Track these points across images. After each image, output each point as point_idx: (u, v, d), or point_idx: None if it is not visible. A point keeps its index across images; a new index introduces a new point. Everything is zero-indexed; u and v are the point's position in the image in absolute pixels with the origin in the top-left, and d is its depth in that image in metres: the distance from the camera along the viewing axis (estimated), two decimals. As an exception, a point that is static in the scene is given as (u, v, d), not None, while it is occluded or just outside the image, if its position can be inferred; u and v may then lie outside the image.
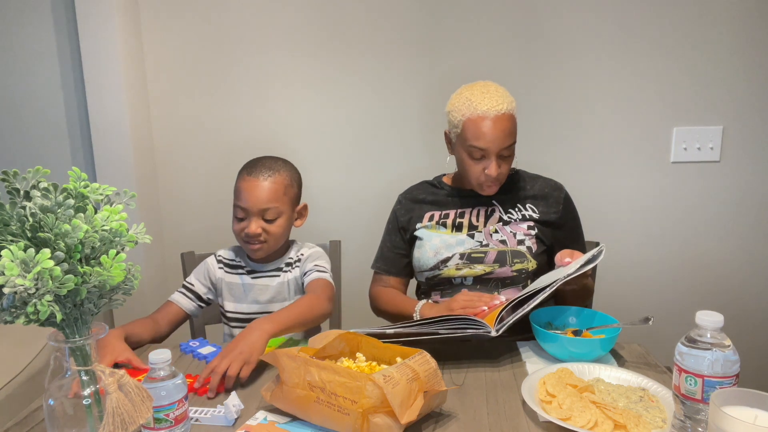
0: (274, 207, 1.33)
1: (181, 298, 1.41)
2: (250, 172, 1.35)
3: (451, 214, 1.44)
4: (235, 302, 1.43)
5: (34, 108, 1.94)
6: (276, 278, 1.41)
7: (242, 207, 1.34)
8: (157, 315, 1.37)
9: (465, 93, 1.36)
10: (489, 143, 1.31)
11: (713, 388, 0.78)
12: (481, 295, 1.26)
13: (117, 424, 0.74)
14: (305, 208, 1.45)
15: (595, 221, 1.90)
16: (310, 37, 1.93)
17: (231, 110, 1.98)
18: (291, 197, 1.38)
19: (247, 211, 1.33)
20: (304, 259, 1.41)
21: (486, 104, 1.31)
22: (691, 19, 1.90)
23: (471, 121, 1.32)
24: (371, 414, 0.87)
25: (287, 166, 1.40)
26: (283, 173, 1.36)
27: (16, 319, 0.70)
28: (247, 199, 1.33)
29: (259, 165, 1.36)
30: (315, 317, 1.25)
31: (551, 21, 1.91)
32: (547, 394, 0.97)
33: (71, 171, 0.76)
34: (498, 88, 1.36)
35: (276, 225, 1.35)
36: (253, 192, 1.33)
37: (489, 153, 1.32)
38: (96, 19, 1.79)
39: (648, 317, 1.15)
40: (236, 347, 1.09)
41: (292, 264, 1.42)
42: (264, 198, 1.32)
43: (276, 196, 1.34)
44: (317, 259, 1.41)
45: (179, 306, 1.40)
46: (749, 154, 1.99)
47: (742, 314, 2.08)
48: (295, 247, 1.45)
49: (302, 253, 1.43)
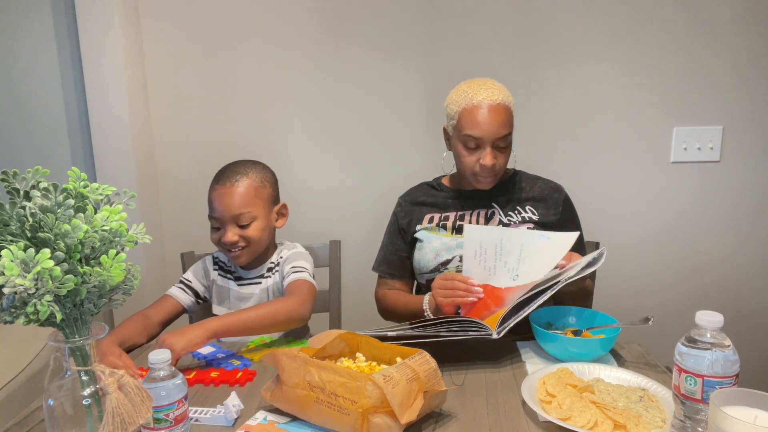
0: (246, 212, 1.31)
1: (179, 292, 1.40)
2: (218, 180, 1.34)
3: (451, 217, 1.44)
4: (221, 306, 1.43)
5: (34, 108, 1.94)
6: (258, 285, 1.40)
7: (215, 217, 1.33)
8: (149, 311, 1.35)
9: (462, 86, 1.38)
10: (483, 132, 1.32)
11: (713, 388, 0.78)
12: (454, 276, 1.25)
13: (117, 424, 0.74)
14: (285, 207, 1.42)
15: (595, 221, 1.90)
16: (310, 37, 1.94)
17: (231, 110, 1.99)
18: (264, 199, 1.35)
19: (221, 220, 1.32)
20: (283, 262, 1.39)
21: (482, 94, 1.33)
22: (692, 19, 1.90)
23: (466, 111, 1.33)
24: (371, 414, 0.87)
25: (257, 167, 1.37)
26: (252, 176, 1.34)
27: (16, 319, 0.70)
28: (218, 208, 1.31)
29: (227, 172, 1.34)
30: (280, 321, 1.21)
31: (551, 21, 1.92)
32: (547, 394, 0.97)
33: (71, 171, 0.75)
34: (495, 83, 1.38)
35: (252, 229, 1.32)
36: (223, 200, 1.31)
37: (484, 142, 1.33)
38: (96, 19, 1.79)
39: (648, 317, 1.15)
40: (168, 336, 1.09)
41: (273, 269, 1.40)
42: (235, 204, 1.30)
43: (246, 201, 1.31)
44: (295, 260, 1.38)
45: (177, 300, 1.39)
46: (749, 154, 1.99)
47: (742, 314, 2.08)
48: (277, 250, 1.43)
49: (282, 256, 1.40)
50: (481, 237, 1.28)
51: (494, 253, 1.27)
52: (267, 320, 1.20)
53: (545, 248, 1.25)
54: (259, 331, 1.20)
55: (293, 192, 1.97)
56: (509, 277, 1.26)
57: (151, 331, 1.32)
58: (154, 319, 1.34)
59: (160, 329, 1.35)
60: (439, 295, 1.25)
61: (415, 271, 1.48)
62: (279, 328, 1.23)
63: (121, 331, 1.25)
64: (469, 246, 1.29)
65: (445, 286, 1.25)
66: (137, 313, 1.33)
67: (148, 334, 1.31)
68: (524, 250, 1.26)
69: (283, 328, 1.25)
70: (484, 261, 1.28)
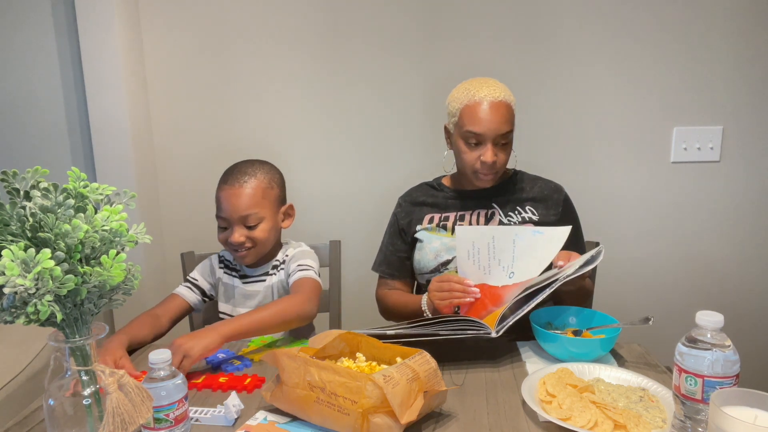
0: (254, 213, 1.31)
1: (186, 291, 1.41)
2: (226, 180, 1.34)
3: (451, 217, 1.44)
4: (227, 304, 1.43)
5: (34, 108, 1.94)
6: (262, 283, 1.40)
7: (223, 217, 1.33)
8: (158, 309, 1.36)
9: (465, 84, 1.39)
10: (485, 128, 1.32)
11: (713, 388, 0.78)
12: (450, 278, 1.25)
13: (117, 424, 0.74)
14: (291, 208, 1.42)
15: (595, 221, 1.90)
16: (311, 37, 1.93)
17: (231, 110, 1.98)
18: (272, 200, 1.36)
19: (228, 221, 1.32)
20: (288, 260, 1.39)
21: (484, 92, 1.34)
22: (692, 18, 1.90)
23: (468, 107, 1.34)
24: (371, 414, 0.87)
25: (264, 168, 1.37)
26: (260, 176, 1.34)
27: (16, 319, 0.70)
28: (226, 208, 1.31)
29: (235, 172, 1.34)
30: (289, 319, 1.22)
31: (551, 21, 1.91)
32: (547, 394, 0.97)
33: (71, 171, 0.75)
34: (497, 82, 1.39)
35: (259, 230, 1.33)
36: (231, 200, 1.31)
37: (484, 139, 1.33)
38: (96, 19, 1.79)
39: (648, 317, 1.15)
40: (184, 341, 1.09)
41: (278, 267, 1.41)
42: (242, 205, 1.31)
43: (254, 202, 1.32)
44: (301, 258, 1.38)
45: (184, 299, 1.40)
46: (749, 154, 1.99)
47: (742, 314, 2.08)
48: (282, 249, 1.44)
49: (287, 254, 1.41)
50: (473, 237, 1.28)
51: (487, 252, 1.27)
52: (277, 319, 1.20)
53: (539, 244, 1.25)
54: (269, 331, 1.21)
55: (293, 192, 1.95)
56: (505, 275, 1.26)
57: (159, 330, 1.33)
58: (162, 319, 1.34)
59: (168, 328, 1.36)
60: (436, 297, 1.25)
61: (415, 272, 1.48)
62: (288, 326, 1.23)
63: (130, 330, 1.25)
64: (461, 247, 1.29)
65: (441, 288, 1.25)
66: (145, 312, 1.34)
67: (157, 331, 1.32)
68: (517, 247, 1.26)
69: (292, 326, 1.25)
70: (478, 261, 1.28)
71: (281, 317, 1.20)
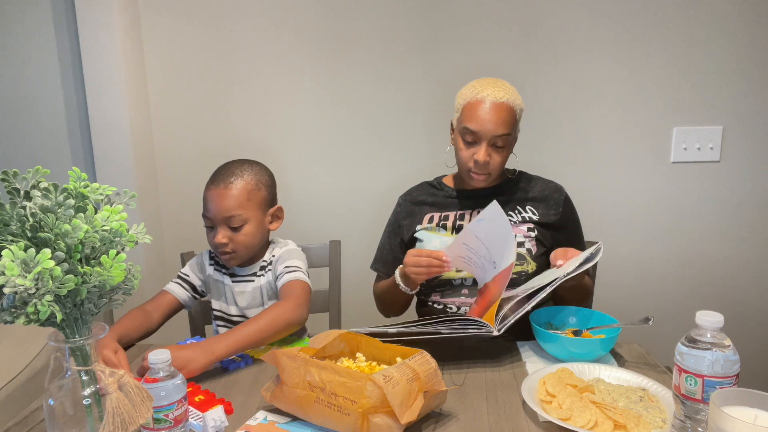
0: (237, 215, 1.29)
1: (176, 287, 1.40)
2: (213, 179, 1.32)
3: (450, 216, 1.44)
4: (218, 301, 1.42)
5: (34, 108, 1.94)
6: (251, 283, 1.39)
7: (207, 216, 1.32)
8: (148, 305, 1.35)
9: (474, 82, 1.40)
10: (481, 127, 1.32)
11: (713, 388, 0.78)
12: (429, 252, 1.26)
13: (117, 424, 0.74)
14: (280, 210, 1.40)
15: (595, 221, 1.90)
16: (311, 37, 1.93)
17: (231, 110, 1.98)
18: (258, 202, 1.33)
19: (212, 221, 1.31)
20: (275, 261, 1.37)
21: (488, 91, 1.34)
22: (692, 18, 1.90)
23: (470, 104, 1.35)
24: (371, 414, 0.87)
25: (253, 169, 1.35)
26: (247, 177, 1.32)
27: (16, 319, 0.70)
28: (210, 208, 1.30)
29: (222, 172, 1.33)
30: (281, 329, 1.20)
31: (551, 21, 1.91)
32: (547, 394, 0.98)
33: (71, 171, 0.75)
34: (507, 84, 1.38)
35: (243, 233, 1.30)
36: (215, 201, 1.29)
37: (480, 137, 1.33)
38: (96, 19, 1.79)
39: (648, 317, 1.15)
40: (177, 357, 1.06)
41: (265, 267, 1.39)
42: (226, 206, 1.29)
43: (238, 203, 1.29)
44: (288, 259, 1.35)
45: (173, 295, 1.39)
46: (749, 154, 1.99)
47: (742, 314, 2.08)
48: (269, 249, 1.41)
49: (274, 254, 1.38)
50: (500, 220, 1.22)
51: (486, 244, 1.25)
52: (268, 331, 1.18)
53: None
54: (262, 343, 1.19)
55: (293, 191, 1.97)
56: (489, 264, 1.23)
57: (149, 327, 1.32)
58: (152, 315, 1.33)
59: (159, 325, 1.35)
60: (412, 272, 1.27)
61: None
62: (280, 335, 1.22)
63: (119, 327, 1.24)
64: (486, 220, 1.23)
65: (418, 263, 1.26)
66: (136, 308, 1.32)
67: (147, 327, 1.31)
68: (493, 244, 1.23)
69: (285, 335, 1.24)
70: (478, 247, 1.25)
71: (271, 329, 1.19)
